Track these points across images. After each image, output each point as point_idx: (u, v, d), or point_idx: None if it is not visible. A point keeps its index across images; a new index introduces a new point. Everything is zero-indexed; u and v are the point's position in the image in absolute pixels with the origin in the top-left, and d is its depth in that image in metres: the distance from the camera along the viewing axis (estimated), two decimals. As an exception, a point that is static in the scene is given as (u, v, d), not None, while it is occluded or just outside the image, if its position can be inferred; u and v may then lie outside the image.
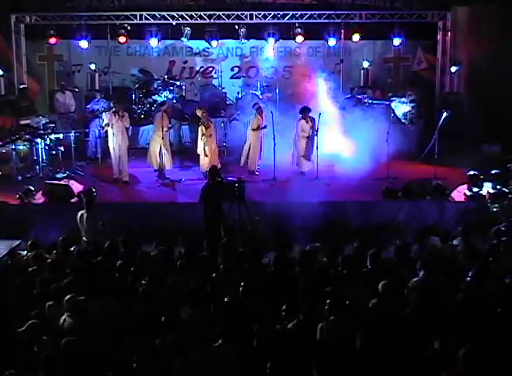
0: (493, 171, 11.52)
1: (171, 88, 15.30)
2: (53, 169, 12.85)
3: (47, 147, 13.00)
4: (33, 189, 11.32)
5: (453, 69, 14.99)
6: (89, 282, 6.86)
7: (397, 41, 15.14)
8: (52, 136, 13.20)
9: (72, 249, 8.61)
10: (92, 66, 15.55)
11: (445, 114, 12.55)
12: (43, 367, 5.11)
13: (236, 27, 15.31)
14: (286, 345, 5.43)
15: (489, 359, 5.05)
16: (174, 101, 14.86)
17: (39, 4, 14.83)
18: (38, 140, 12.84)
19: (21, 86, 14.97)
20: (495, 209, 10.70)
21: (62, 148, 13.20)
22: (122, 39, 14.94)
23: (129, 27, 15.01)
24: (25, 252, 9.08)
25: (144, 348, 5.38)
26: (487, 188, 11.29)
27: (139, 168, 13.23)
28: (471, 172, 11.47)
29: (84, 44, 14.91)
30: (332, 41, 15.25)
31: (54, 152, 13.18)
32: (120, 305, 6.37)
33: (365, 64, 15.61)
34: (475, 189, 11.31)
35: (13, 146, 12.61)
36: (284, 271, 7.11)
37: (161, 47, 15.91)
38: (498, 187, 11.21)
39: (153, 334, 5.62)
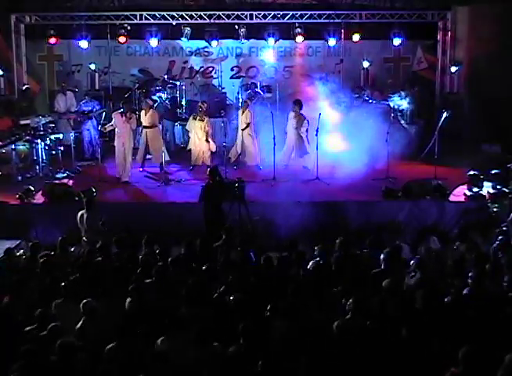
0: (493, 171, 11.52)
1: (171, 88, 15.30)
2: (53, 169, 12.86)
3: (47, 147, 13.00)
4: (33, 189, 11.32)
5: (453, 69, 14.99)
6: (90, 282, 6.89)
7: (397, 41, 15.13)
8: (52, 136, 13.22)
9: (72, 249, 8.65)
10: (92, 66, 15.55)
11: (445, 114, 12.54)
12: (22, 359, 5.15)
13: (236, 27, 15.32)
14: (280, 344, 5.45)
15: (490, 360, 5.05)
16: (167, 101, 14.82)
17: (39, 4, 14.83)
18: (38, 140, 12.85)
19: (24, 87, 14.96)
20: (495, 209, 10.70)
21: (62, 148, 13.23)
22: (122, 39, 14.94)
23: (129, 27, 15.01)
24: (22, 251, 9.13)
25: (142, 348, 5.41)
26: (487, 188, 11.29)
27: (139, 168, 13.25)
28: (471, 172, 11.47)
29: (84, 44, 14.91)
30: (332, 41, 15.24)
31: (54, 152, 13.19)
32: (120, 304, 6.39)
33: (366, 64, 15.60)
34: (475, 189, 11.31)
35: (13, 146, 12.61)
36: (282, 271, 7.14)
37: (161, 47, 15.91)
38: (498, 187, 11.22)
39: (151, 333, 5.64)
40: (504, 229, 9.34)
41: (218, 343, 5.51)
